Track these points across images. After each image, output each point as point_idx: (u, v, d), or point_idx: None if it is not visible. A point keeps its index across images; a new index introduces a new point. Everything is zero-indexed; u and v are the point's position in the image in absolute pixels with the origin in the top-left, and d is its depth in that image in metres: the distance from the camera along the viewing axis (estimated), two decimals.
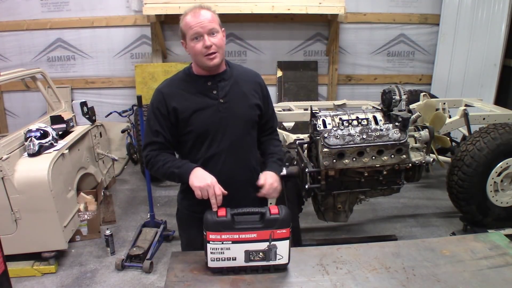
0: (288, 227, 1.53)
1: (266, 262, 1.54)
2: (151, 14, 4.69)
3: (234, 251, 1.51)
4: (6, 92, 5.53)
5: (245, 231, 1.50)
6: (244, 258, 1.52)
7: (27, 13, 5.21)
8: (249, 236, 1.50)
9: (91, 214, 3.51)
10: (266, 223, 1.51)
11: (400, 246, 1.66)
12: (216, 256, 1.52)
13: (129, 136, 5.13)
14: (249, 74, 1.83)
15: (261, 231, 1.50)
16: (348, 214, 3.01)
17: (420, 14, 5.45)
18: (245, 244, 1.51)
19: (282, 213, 1.53)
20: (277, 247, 1.52)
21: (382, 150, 2.52)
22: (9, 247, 2.67)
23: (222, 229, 1.50)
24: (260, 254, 1.52)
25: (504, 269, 1.46)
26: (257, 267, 1.56)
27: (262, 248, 1.51)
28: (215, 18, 1.64)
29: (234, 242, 1.50)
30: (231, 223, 1.50)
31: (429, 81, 5.66)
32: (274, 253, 1.53)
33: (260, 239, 1.50)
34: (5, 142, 2.99)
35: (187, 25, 1.63)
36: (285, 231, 1.52)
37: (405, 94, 2.74)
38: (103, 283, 2.92)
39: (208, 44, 1.59)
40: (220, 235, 1.49)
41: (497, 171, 3.08)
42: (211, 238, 1.50)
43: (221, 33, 1.65)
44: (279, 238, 1.51)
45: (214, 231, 1.50)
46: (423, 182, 4.30)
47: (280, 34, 5.44)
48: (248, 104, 1.74)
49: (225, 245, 1.50)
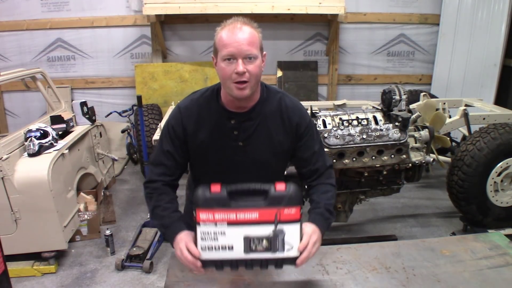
0: (298, 205, 1.27)
1: (272, 254, 1.27)
2: (151, 14, 4.69)
3: (230, 237, 1.26)
4: (6, 92, 5.53)
5: (243, 209, 1.25)
6: (244, 248, 1.26)
7: (27, 13, 5.20)
8: (249, 216, 1.25)
9: (91, 214, 3.51)
10: (271, 200, 1.26)
11: (400, 246, 1.66)
12: (208, 244, 1.27)
13: (129, 136, 5.13)
14: (286, 110, 1.49)
15: (264, 209, 1.25)
16: (348, 214, 3.01)
17: (420, 14, 5.45)
18: (244, 227, 1.25)
19: (290, 189, 1.27)
20: (285, 233, 1.26)
21: (382, 150, 2.52)
22: (9, 247, 2.68)
23: (216, 206, 1.26)
24: (264, 243, 1.26)
25: (504, 269, 1.46)
26: (260, 261, 1.29)
27: (266, 233, 1.25)
28: (257, 39, 1.37)
29: (231, 224, 1.25)
30: (227, 200, 1.26)
31: (429, 81, 5.66)
32: (281, 242, 1.26)
33: (263, 221, 1.25)
34: (5, 142, 2.99)
35: (220, 42, 1.36)
36: (294, 211, 1.26)
37: (405, 94, 2.75)
38: (103, 283, 2.92)
39: (240, 71, 1.32)
40: (213, 214, 1.25)
41: (497, 171, 3.08)
42: (202, 218, 1.26)
43: (260, 59, 1.38)
44: (287, 221, 1.26)
45: (205, 208, 1.26)
46: (423, 182, 4.30)
47: (280, 34, 5.44)
48: (272, 150, 1.50)
49: (219, 228, 1.25)
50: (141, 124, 3.47)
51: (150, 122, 4.34)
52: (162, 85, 5.19)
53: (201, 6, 4.62)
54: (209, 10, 4.60)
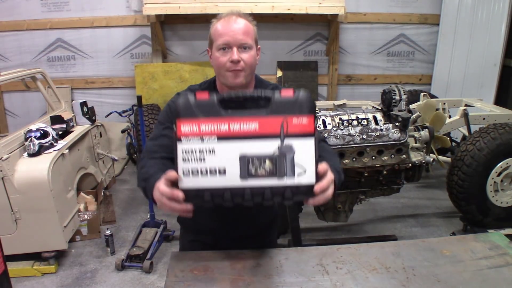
0: (311, 113, 0.98)
1: (278, 180, 0.96)
2: (151, 14, 4.69)
3: (222, 157, 0.96)
4: (6, 92, 5.52)
5: (239, 118, 0.96)
6: (240, 172, 0.96)
7: (27, 13, 5.20)
8: (247, 127, 0.95)
9: (91, 214, 3.52)
10: (274, 108, 0.97)
11: (400, 246, 1.66)
12: (192, 167, 0.96)
13: (129, 136, 5.13)
14: None
15: (267, 118, 0.96)
16: (348, 214, 3.01)
17: (420, 14, 5.45)
18: (240, 143, 0.96)
19: (299, 94, 1.00)
20: (295, 151, 0.95)
21: (382, 150, 2.52)
22: (9, 247, 2.67)
23: (202, 115, 0.97)
24: (267, 164, 0.96)
25: (504, 269, 1.46)
26: (263, 191, 0.97)
27: (269, 151, 0.95)
28: (251, 30, 1.39)
29: (222, 138, 0.95)
30: (217, 108, 0.98)
31: (429, 81, 5.66)
32: (290, 163, 0.95)
33: (264, 134, 0.95)
34: (5, 142, 2.99)
35: (216, 32, 1.39)
36: (306, 121, 0.96)
37: (405, 94, 2.75)
38: (103, 283, 2.92)
39: (235, 58, 1.33)
40: (198, 125, 0.96)
41: (497, 171, 3.08)
42: (184, 131, 0.96)
43: (254, 50, 1.40)
44: (297, 134, 0.95)
45: (188, 117, 0.97)
46: (423, 182, 4.30)
47: (280, 34, 5.44)
48: None
49: (206, 145, 0.96)
50: (141, 124, 3.47)
51: (150, 122, 4.33)
52: (162, 85, 5.19)
53: (201, 6, 4.62)
54: (209, 10, 4.60)
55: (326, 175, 1.03)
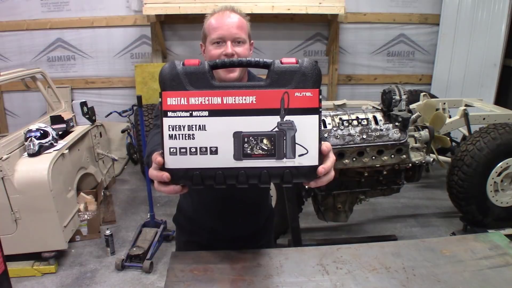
0: (316, 87, 0.87)
1: (277, 161, 0.86)
2: (151, 14, 4.70)
3: (214, 134, 0.85)
4: (6, 92, 5.53)
5: (233, 91, 0.85)
6: (234, 151, 0.85)
7: (27, 13, 5.21)
8: (243, 100, 0.84)
9: (91, 214, 3.52)
10: (274, 78, 0.86)
11: (400, 246, 1.65)
12: (179, 145, 0.86)
13: (129, 136, 5.13)
14: None
15: (265, 91, 0.85)
16: (348, 214, 3.01)
17: (420, 14, 5.45)
18: (235, 118, 0.85)
19: (303, 63, 0.88)
20: (296, 128, 0.85)
21: (382, 150, 2.52)
22: (9, 247, 2.68)
23: (191, 86, 0.87)
24: (264, 143, 0.85)
25: (504, 269, 1.46)
26: (260, 173, 0.86)
27: (268, 128, 0.85)
28: (245, 25, 1.41)
29: (214, 113, 0.85)
30: (208, 77, 0.87)
31: (429, 81, 5.66)
32: (291, 141, 0.85)
33: (262, 109, 0.85)
34: (5, 142, 2.99)
35: (210, 26, 1.41)
36: (310, 93, 0.85)
37: (405, 94, 2.75)
38: (103, 283, 2.92)
39: (229, 52, 1.33)
40: (187, 98, 0.86)
41: (497, 171, 3.08)
42: (170, 105, 0.87)
43: (248, 44, 1.42)
44: (299, 109, 0.85)
45: (175, 89, 0.88)
46: (423, 182, 4.30)
47: (280, 34, 5.44)
48: None
49: (196, 120, 0.85)
50: (141, 124, 3.47)
51: (150, 122, 4.34)
52: None
53: (201, 6, 4.62)
54: (209, 10, 4.52)
55: (329, 155, 0.95)
